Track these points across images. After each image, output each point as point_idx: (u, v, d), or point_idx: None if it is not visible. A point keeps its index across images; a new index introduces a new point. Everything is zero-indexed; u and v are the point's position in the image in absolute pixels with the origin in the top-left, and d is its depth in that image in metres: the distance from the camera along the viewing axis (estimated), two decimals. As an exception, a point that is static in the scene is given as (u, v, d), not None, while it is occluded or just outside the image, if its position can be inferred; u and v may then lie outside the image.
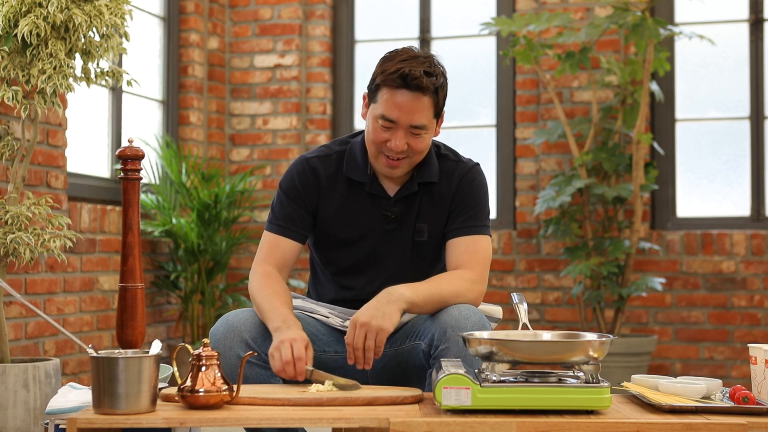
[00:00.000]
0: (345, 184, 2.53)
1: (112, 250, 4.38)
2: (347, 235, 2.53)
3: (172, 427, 1.95)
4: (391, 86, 2.39)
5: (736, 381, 4.81)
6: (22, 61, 3.17)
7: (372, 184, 2.52)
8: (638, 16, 4.56)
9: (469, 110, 5.54)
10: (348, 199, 2.53)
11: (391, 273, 2.51)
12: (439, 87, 2.42)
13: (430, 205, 2.53)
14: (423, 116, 2.40)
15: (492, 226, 5.25)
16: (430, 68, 2.40)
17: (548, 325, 5.09)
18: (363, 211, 2.52)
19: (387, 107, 2.39)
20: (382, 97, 2.41)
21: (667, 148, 5.13)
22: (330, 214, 2.53)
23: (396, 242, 2.52)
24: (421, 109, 2.39)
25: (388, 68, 2.40)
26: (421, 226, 2.52)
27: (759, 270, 4.91)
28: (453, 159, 2.57)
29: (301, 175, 2.53)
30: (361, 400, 2.05)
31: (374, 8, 5.68)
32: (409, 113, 2.39)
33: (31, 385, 3.05)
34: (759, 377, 2.13)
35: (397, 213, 2.51)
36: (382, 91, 2.41)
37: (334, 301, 2.57)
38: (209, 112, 5.45)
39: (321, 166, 2.54)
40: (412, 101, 2.38)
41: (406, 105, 2.38)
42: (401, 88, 2.38)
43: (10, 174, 3.29)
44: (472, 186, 2.53)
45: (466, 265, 2.45)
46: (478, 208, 2.52)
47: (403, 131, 2.40)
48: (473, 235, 2.49)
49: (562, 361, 1.99)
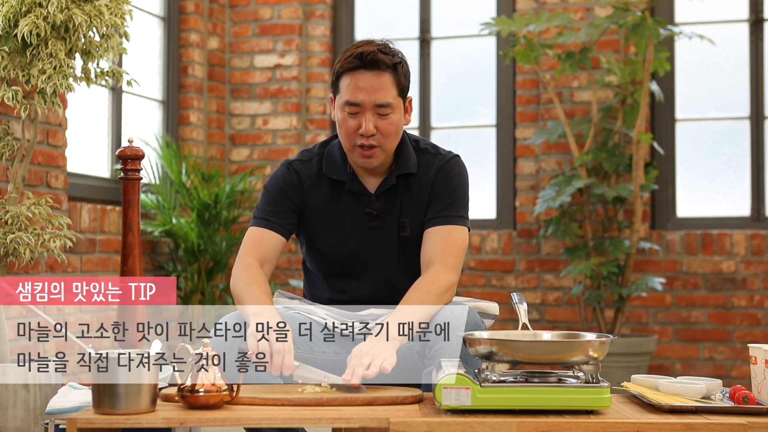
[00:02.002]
0: (327, 185, 2.55)
1: (112, 250, 4.38)
2: (332, 235, 2.54)
3: (172, 427, 1.95)
4: (349, 70, 2.43)
5: (736, 381, 4.81)
6: (22, 61, 3.17)
7: (352, 182, 2.54)
8: (638, 16, 4.56)
9: (469, 110, 5.54)
10: (331, 200, 2.55)
11: (381, 271, 2.52)
12: (398, 64, 2.46)
13: (411, 200, 2.54)
14: (386, 94, 2.43)
15: (492, 226, 5.30)
16: (386, 48, 2.45)
17: (548, 325, 5.09)
18: (346, 210, 2.54)
19: (349, 92, 2.44)
20: (343, 84, 2.45)
21: (667, 148, 5.13)
22: (315, 216, 2.55)
23: (382, 239, 2.53)
24: (383, 87, 2.43)
25: (344, 56, 2.46)
26: (404, 222, 2.53)
27: (759, 270, 4.91)
28: (432, 152, 2.58)
29: (285, 177, 2.56)
30: (361, 400, 2.05)
31: (374, 8, 5.68)
32: (371, 93, 2.42)
33: (31, 385, 3.05)
34: (759, 377, 2.13)
35: (380, 209, 2.52)
36: (342, 79, 2.45)
37: (329, 302, 2.57)
38: (209, 112, 5.45)
39: (303, 169, 2.57)
40: (373, 80, 2.42)
41: (367, 85, 2.42)
42: (359, 69, 2.42)
43: (10, 174, 3.28)
44: (449, 176, 2.54)
45: (440, 256, 2.45)
46: (455, 199, 2.53)
47: (369, 113, 2.43)
48: (449, 225, 2.50)
49: (562, 361, 1.99)
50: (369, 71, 2.42)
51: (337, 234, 2.54)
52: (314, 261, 2.60)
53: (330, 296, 2.58)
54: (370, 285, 2.54)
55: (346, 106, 2.45)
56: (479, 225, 5.27)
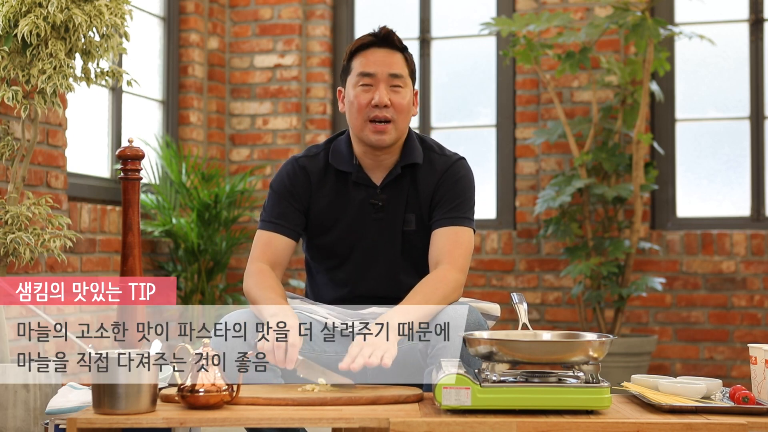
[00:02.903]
0: (333, 178, 2.57)
1: (112, 250, 4.38)
2: (338, 227, 2.56)
3: (172, 427, 1.95)
4: (363, 46, 2.52)
5: (736, 381, 4.81)
6: (22, 61, 3.17)
7: (358, 174, 2.56)
8: (638, 16, 4.56)
9: (469, 110, 5.54)
10: (337, 191, 2.56)
11: (385, 266, 2.53)
12: (406, 50, 2.56)
13: (416, 195, 2.55)
14: (399, 67, 2.51)
15: (492, 226, 5.30)
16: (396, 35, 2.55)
17: (548, 325, 5.09)
18: (351, 202, 2.56)
19: (363, 64, 2.51)
20: (356, 62, 2.53)
21: (667, 148, 5.13)
22: (322, 208, 2.56)
23: (386, 232, 2.54)
24: (396, 61, 2.52)
25: (355, 44, 2.54)
26: (409, 217, 2.55)
27: (759, 270, 4.91)
28: (437, 152, 2.61)
29: (291, 175, 2.58)
30: (365, 399, 2.05)
31: (374, 8, 5.68)
32: (384, 64, 2.50)
33: (31, 385, 3.05)
34: (759, 377, 2.13)
35: (385, 200, 2.54)
36: (355, 58, 2.53)
37: (331, 301, 2.58)
38: (209, 112, 5.45)
39: (310, 164, 2.58)
40: (385, 54, 2.51)
41: (380, 58, 2.50)
42: (373, 45, 2.51)
43: (10, 174, 3.28)
44: (455, 179, 2.56)
45: (447, 257, 2.47)
46: (462, 200, 2.55)
47: (383, 84, 2.49)
48: (455, 227, 2.51)
49: (562, 361, 1.99)
50: (382, 48, 2.51)
51: (343, 225, 2.55)
52: (318, 253, 2.60)
53: (332, 291, 2.58)
54: (374, 279, 2.54)
55: (360, 79, 2.50)
56: (479, 225, 5.27)
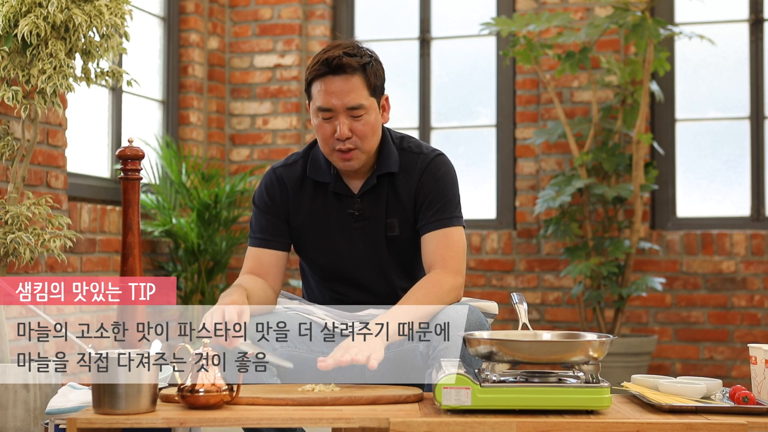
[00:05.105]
0: (311, 188, 2.56)
1: (112, 250, 4.38)
2: (320, 238, 2.54)
3: (172, 427, 1.95)
4: (317, 76, 2.43)
5: (736, 381, 4.81)
6: (22, 61, 3.17)
7: (336, 184, 2.53)
8: (638, 16, 4.56)
9: (469, 110, 5.54)
10: (315, 202, 2.54)
11: (375, 272, 2.52)
12: (366, 65, 2.44)
13: (396, 200, 2.53)
14: (356, 96, 2.42)
15: (492, 226, 5.30)
16: (352, 50, 2.44)
17: (548, 325, 5.09)
18: (331, 212, 2.54)
19: (320, 98, 2.43)
20: (314, 90, 2.45)
21: (667, 148, 5.13)
22: (302, 219, 2.55)
23: (369, 240, 2.52)
24: (352, 89, 2.42)
25: (312, 62, 2.46)
26: (392, 222, 2.52)
27: (759, 270, 4.91)
28: (414, 151, 2.56)
29: (269, 187, 2.58)
30: (365, 399, 2.05)
31: (374, 8, 5.68)
32: (341, 96, 2.41)
33: (31, 385, 3.05)
34: (759, 377, 2.13)
35: (362, 209, 2.51)
36: (313, 85, 2.45)
37: (327, 303, 2.58)
38: (209, 112, 5.45)
39: (287, 174, 2.57)
40: (341, 83, 2.41)
41: (336, 89, 2.41)
42: (327, 74, 2.41)
43: (10, 174, 3.28)
44: (435, 178, 2.52)
45: (440, 261, 2.44)
46: (446, 200, 2.51)
47: (342, 116, 2.43)
48: (444, 228, 2.48)
49: (562, 361, 1.99)
50: (337, 76, 2.41)
51: (325, 237, 2.54)
52: (307, 265, 2.61)
53: (327, 294, 2.59)
54: (367, 286, 2.53)
55: (319, 112, 2.45)
56: (479, 225, 5.27)
